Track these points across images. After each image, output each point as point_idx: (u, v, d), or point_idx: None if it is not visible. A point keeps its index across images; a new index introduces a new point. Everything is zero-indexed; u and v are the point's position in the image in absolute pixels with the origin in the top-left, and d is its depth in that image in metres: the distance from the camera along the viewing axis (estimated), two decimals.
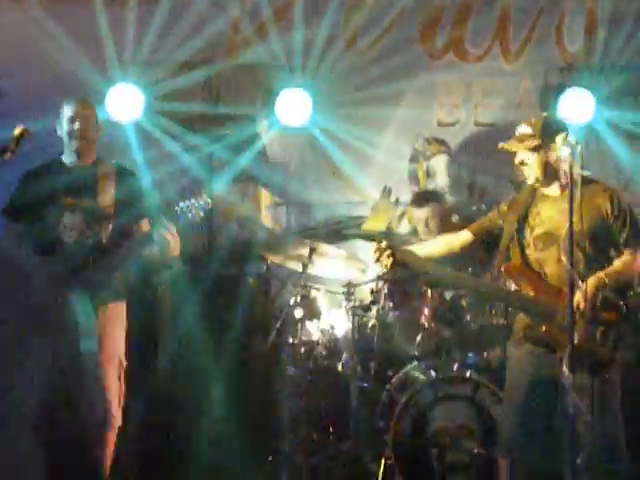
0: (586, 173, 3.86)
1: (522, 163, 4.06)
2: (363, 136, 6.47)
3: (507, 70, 6.74)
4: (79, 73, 5.93)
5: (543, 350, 3.94)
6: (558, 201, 4.03)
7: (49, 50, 5.90)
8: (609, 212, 3.97)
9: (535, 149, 4.00)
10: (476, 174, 6.65)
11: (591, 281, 3.78)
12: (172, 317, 5.52)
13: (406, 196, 6.60)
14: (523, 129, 4.09)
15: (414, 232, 6.21)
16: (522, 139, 4.05)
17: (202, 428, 5.26)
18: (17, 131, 3.70)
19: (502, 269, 4.08)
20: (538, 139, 3.99)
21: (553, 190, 4.09)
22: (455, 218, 5.53)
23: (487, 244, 4.27)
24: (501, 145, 4.08)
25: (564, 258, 3.75)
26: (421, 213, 5.67)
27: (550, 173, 4.03)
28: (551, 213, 4.05)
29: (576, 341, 3.56)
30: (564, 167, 3.94)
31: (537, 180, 4.05)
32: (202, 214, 4.35)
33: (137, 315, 5.01)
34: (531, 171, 4.04)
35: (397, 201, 6.51)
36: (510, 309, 4.89)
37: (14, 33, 6.17)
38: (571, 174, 3.62)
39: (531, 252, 4.05)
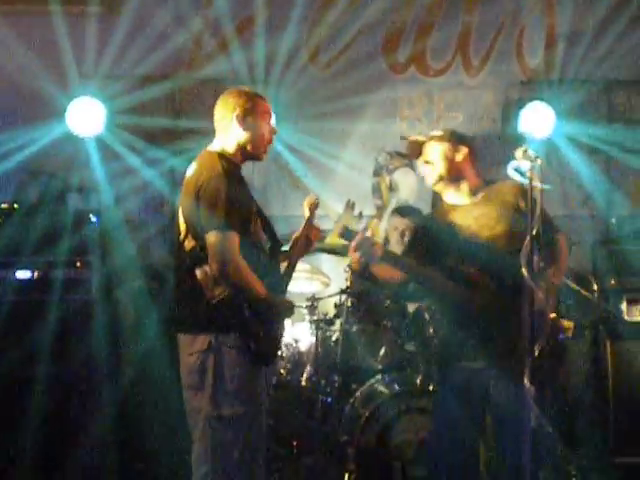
0: (546, 187, 3.88)
1: (427, 162, 4.02)
2: (326, 150, 6.48)
3: (469, 84, 6.81)
4: (39, 86, 5.88)
5: (478, 366, 3.86)
6: (470, 209, 3.99)
7: (7, 63, 5.85)
8: (521, 202, 3.91)
9: (441, 139, 4.01)
10: None
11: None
12: (134, 331, 5.47)
13: (369, 210, 6.62)
14: (433, 132, 4.12)
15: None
16: (430, 136, 4.08)
17: (166, 443, 5.22)
18: None
19: None
20: (445, 136, 4.03)
21: (460, 198, 4.04)
22: None
23: None
24: (410, 136, 4.11)
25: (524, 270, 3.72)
26: (401, 223, 5.68)
27: (455, 173, 4.01)
28: (467, 222, 3.98)
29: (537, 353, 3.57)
30: (471, 170, 4.01)
31: (440, 177, 4.00)
32: None
33: (100, 328, 4.99)
34: (435, 167, 4.00)
35: (360, 214, 6.50)
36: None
37: None
38: (531, 188, 3.63)
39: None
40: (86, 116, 6.02)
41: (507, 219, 3.92)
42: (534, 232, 3.58)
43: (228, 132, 3.76)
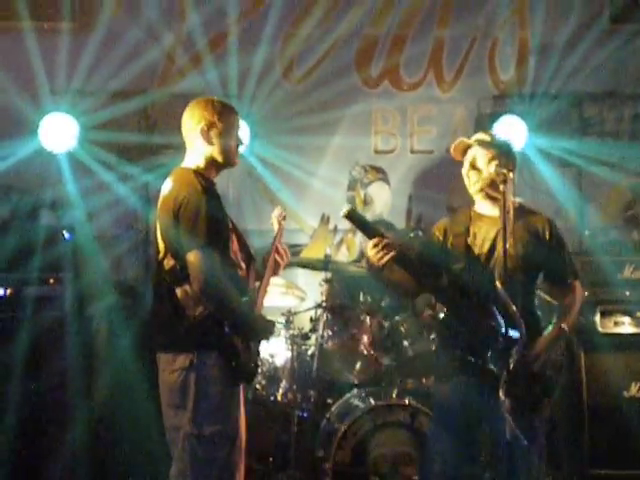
0: (518, 200, 3.90)
1: (473, 166, 3.92)
2: (300, 164, 6.49)
3: (442, 98, 6.85)
4: (10, 103, 5.85)
5: (474, 380, 3.83)
6: (497, 221, 3.84)
7: None
8: (547, 236, 3.91)
9: (488, 146, 3.91)
10: (413, 201, 6.69)
11: (551, 334, 3.84)
12: (108, 348, 5.43)
13: (344, 223, 6.61)
14: (480, 135, 4.02)
15: (355, 259, 6.23)
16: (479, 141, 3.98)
17: (140, 461, 5.18)
18: None
19: None
20: (494, 145, 3.94)
21: (490, 209, 3.95)
22: None
23: None
24: (460, 140, 3.98)
25: (498, 283, 3.71)
26: None
27: (494, 186, 3.86)
28: (491, 234, 3.91)
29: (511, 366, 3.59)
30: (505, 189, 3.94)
31: (486, 185, 3.90)
32: None
33: (73, 346, 4.95)
34: (480, 176, 3.91)
35: (335, 228, 6.52)
36: None
37: None
38: (504, 201, 3.65)
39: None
40: (58, 132, 6.00)
41: (528, 244, 3.88)
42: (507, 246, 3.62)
43: (195, 146, 3.74)
